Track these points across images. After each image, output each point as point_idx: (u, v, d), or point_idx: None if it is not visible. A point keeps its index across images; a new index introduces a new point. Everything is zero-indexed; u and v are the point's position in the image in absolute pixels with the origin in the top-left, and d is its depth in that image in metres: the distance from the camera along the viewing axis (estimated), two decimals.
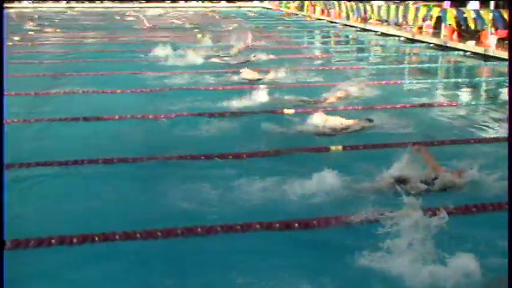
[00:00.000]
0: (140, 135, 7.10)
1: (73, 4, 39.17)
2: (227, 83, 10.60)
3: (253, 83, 10.04)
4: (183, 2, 43.27)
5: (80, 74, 11.49)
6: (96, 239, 4.10)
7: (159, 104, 8.63)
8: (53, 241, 4.05)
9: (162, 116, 7.85)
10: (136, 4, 40.85)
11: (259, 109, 8.23)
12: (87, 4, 39.90)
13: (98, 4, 40.11)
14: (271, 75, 10.72)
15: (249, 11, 37.34)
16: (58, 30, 21.63)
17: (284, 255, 4.04)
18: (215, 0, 44.03)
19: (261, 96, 8.81)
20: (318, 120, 7.39)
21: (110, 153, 6.07)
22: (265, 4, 42.22)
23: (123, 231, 4.18)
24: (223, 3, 43.03)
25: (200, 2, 43.54)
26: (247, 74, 10.83)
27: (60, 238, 4.07)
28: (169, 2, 42.67)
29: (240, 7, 40.62)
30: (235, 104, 8.57)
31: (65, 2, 39.75)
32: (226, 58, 13.62)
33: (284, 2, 37.90)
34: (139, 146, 6.52)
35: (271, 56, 13.46)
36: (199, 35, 19.58)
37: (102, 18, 29.45)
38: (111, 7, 38.72)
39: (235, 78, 10.89)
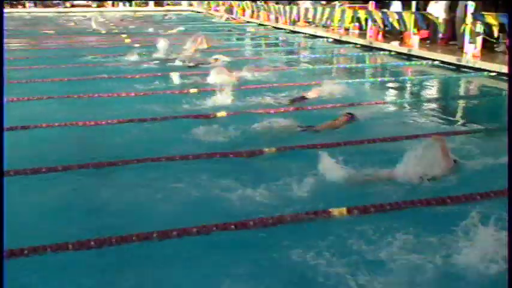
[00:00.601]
0: (70, 143, 6.92)
1: None
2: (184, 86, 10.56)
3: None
4: (109, 6, 42.42)
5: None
6: (26, 252, 3.93)
7: (88, 111, 8.43)
8: None
9: (92, 123, 7.68)
10: (61, 9, 39.72)
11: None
12: (8, 9, 38.40)
13: (20, 9, 38.70)
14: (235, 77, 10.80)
15: (178, 14, 37.11)
16: None
17: (222, 259, 4.02)
18: (143, 4, 43.47)
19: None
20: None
21: (38, 163, 5.86)
22: (195, 7, 42.07)
23: (55, 243, 4.05)
24: (151, 7, 42.54)
25: (128, 6, 42.84)
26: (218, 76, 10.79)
27: None
28: (94, 6, 41.75)
29: (168, 11, 40.26)
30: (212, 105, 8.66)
31: None
32: (178, 62, 13.46)
33: (213, 4, 37.88)
34: (67, 155, 6.33)
35: (225, 58, 13.45)
36: (127, 40, 19.29)
37: (25, 23, 28.41)
38: (35, 12, 37.47)
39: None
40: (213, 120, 7.75)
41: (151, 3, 43.46)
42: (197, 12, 39.69)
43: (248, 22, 28.50)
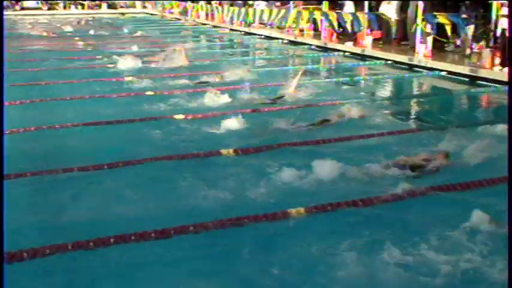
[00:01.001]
0: (22, 149, 6.74)
1: None
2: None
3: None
4: (61, 9, 41.58)
5: None
6: None
7: (41, 115, 8.24)
8: None
9: (45, 127, 7.51)
10: (10, 12, 38.71)
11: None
12: None
13: None
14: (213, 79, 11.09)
15: (133, 16, 36.72)
16: None
17: (181, 262, 3.99)
18: (96, 7, 42.81)
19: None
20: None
21: None
22: (149, 10, 41.69)
23: (7, 251, 3.92)
24: (104, 10, 41.91)
25: (80, 9, 42.09)
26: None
27: None
28: (45, 9, 40.84)
29: (122, 14, 39.77)
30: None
31: None
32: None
33: (167, 6, 37.62)
34: (20, 161, 6.15)
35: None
36: (81, 43, 18.97)
37: None
38: None
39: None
40: (172, 122, 7.73)
41: (104, 5, 42.83)
42: (151, 14, 39.33)
43: (203, 24, 28.43)
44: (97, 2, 42.95)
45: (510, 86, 8.96)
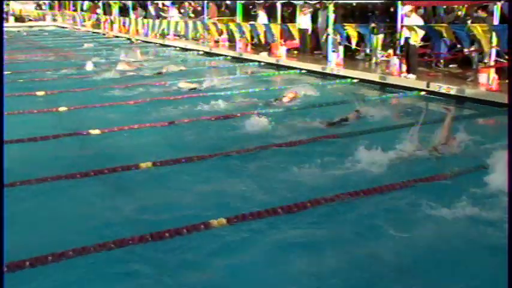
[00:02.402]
0: None
1: None
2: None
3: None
4: None
5: None
6: None
7: None
8: None
9: None
10: None
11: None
12: None
13: None
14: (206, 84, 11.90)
15: (41, 30, 35.51)
16: None
17: (103, 280, 3.93)
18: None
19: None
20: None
21: None
22: (59, 23, 40.47)
23: None
24: (11, 23, 40.20)
25: None
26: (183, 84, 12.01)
27: None
28: None
29: (31, 27, 38.36)
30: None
31: None
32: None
33: (78, 19, 36.70)
34: None
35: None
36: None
37: None
38: None
39: None
40: (87, 138, 7.57)
41: (11, 18, 41.11)
42: (62, 27, 38.16)
43: (117, 37, 27.94)
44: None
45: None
